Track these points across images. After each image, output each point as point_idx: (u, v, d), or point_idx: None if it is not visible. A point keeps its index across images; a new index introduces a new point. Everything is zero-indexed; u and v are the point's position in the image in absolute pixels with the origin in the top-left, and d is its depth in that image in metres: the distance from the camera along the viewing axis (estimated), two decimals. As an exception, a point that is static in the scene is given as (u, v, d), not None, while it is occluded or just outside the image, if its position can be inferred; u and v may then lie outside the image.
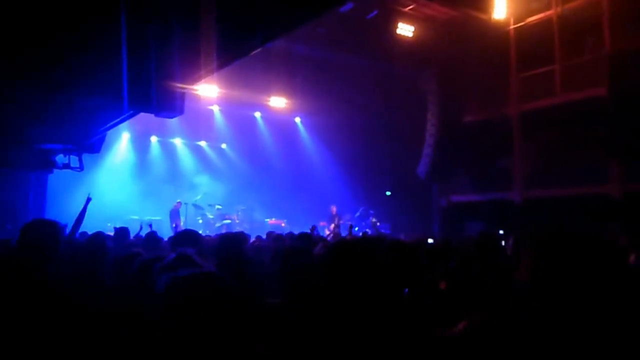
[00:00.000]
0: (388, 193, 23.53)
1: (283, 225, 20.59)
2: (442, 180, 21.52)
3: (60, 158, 13.24)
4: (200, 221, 20.08)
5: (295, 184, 22.72)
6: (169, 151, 22.85)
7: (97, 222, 11.83)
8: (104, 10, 6.16)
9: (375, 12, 17.59)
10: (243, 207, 21.17)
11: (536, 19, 18.99)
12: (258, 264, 5.64)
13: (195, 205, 20.14)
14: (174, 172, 22.29)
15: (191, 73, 7.40)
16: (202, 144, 23.74)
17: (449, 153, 19.58)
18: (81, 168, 13.24)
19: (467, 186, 21.37)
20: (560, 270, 1.83)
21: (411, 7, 17.95)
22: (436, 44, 18.82)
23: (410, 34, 18.30)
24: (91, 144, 12.82)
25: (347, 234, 13.49)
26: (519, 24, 19.44)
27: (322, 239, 9.80)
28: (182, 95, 7.46)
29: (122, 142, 21.37)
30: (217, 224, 19.60)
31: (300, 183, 22.80)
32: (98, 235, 5.80)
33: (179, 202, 19.16)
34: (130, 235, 8.56)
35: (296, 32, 11.56)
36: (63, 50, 7.08)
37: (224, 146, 24.06)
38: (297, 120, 24.78)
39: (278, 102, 21.14)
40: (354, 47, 18.37)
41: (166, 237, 9.07)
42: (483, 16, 18.34)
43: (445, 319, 2.50)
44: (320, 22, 16.03)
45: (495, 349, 2.02)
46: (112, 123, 10.96)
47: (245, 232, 9.76)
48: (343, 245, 2.34)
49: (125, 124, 12.92)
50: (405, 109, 21.16)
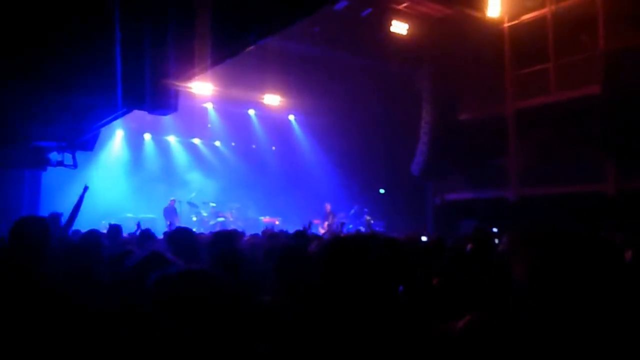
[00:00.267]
0: (382, 191, 23.52)
1: (277, 223, 20.56)
2: (437, 178, 21.54)
3: (54, 155, 13.16)
4: (195, 219, 20.00)
5: (289, 182, 22.68)
6: (163, 149, 22.77)
7: (90, 220, 11.81)
8: (98, 7, 6.13)
9: (369, 10, 17.61)
10: (237, 205, 21.13)
11: (531, 17, 19.01)
12: (253, 261, 5.62)
13: (190, 203, 20.11)
14: (168, 170, 22.20)
15: (185, 70, 7.36)
16: (196, 141, 23.65)
17: (444, 151, 19.61)
18: (75, 165, 13.16)
19: (461, 184, 21.36)
20: (557, 270, 1.82)
21: (405, 4, 17.97)
22: (430, 42, 18.84)
23: (404, 32, 18.33)
24: (85, 141, 12.75)
25: (338, 231, 13.47)
26: (513, 22, 19.45)
27: (317, 237, 9.77)
28: (176, 93, 7.42)
29: (116, 139, 21.27)
30: (211, 222, 19.55)
31: (295, 181, 22.76)
32: (92, 232, 5.78)
33: (173, 200, 19.17)
34: (122, 233, 8.54)
35: (290, 29, 11.53)
36: (57, 48, 7.03)
37: (217, 144, 23.99)
38: (291, 118, 24.70)
39: (272, 99, 21.13)
40: (348, 45, 18.39)
41: (160, 234, 9.06)
42: (477, 14, 18.34)
43: (441, 316, 2.49)
44: (314, 20, 16.02)
45: (496, 348, 2.01)
46: (105, 120, 10.89)
47: (239, 230, 9.74)
48: (338, 243, 2.33)
49: (119, 121, 12.85)
50: (400, 106, 21.17)
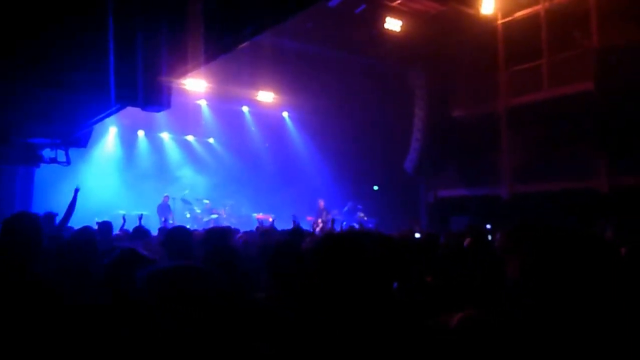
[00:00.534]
0: (375, 188, 23.53)
1: (271, 220, 20.52)
2: (430, 175, 21.57)
3: (47, 152, 13.12)
4: (188, 216, 19.99)
5: (283, 179, 22.62)
6: (156, 145, 22.71)
7: (83, 217, 11.76)
8: (91, 4, 6.11)
9: (363, 7, 17.59)
10: (231, 202, 21.08)
11: (524, 14, 19.06)
12: (246, 258, 5.62)
13: (183, 200, 20.07)
14: (161, 167, 22.16)
15: (178, 67, 7.34)
16: (190, 138, 23.59)
17: (437, 148, 19.65)
18: (68, 162, 13.12)
19: (454, 181, 21.40)
20: (550, 266, 1.83)
21: (399, 1, 17.99)
22: (424, 39, 18.82)
23: (398, 29, 18.33)
24: (78, 138, 12.72)
25: (329, 228, 13.46)
26: (506, 19, 19.51)
27: (310, 234, 9.77)
28: (170, 89, 7.40)
29: (109, 136, 21.18)
30: (205, 219, 19.50)
31: (288, 178, 22.69)
32: (86, 229, 5.75)
33: (166, 197, 19.12)
34: (113, 229, 8.52)
35: (284, 26, 11.54)
36: (49, 44, 7.01)
37: (211, 140, 23.95)
38: (285, 114, 24.65)
39: (266, 96, 21.14)
40: (342, 42, 18.38)
41: (153, 230, 9.08)
42: (471, 11, 18.35)
43: (435, 313, 2.49)
44: (308, 17, 15.99)
45: (490, 345, 2.01)
46: (98, 117, 10.85)
47: (232, 227, 9.75)
48: (332, 239, 2.32)
49: (112, 117, 12.83)
50: (394, 103, 21.21)
